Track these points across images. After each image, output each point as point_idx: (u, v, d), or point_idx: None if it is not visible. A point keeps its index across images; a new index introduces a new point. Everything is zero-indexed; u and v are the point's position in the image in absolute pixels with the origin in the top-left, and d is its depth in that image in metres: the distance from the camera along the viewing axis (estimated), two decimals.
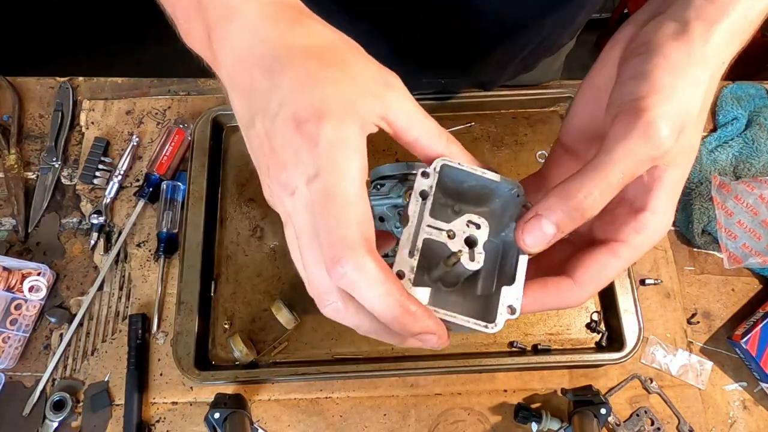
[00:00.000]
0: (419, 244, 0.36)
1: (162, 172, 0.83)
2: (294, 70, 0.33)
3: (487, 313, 0.36)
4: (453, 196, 0.40)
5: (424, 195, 0.37)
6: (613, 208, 0.37)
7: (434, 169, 0.37)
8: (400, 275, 0.34)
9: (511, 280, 0.36)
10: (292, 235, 0.34)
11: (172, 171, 0.85)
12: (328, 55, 0.34)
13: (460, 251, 0.36)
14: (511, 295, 0.36)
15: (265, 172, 0.34)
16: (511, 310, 0.35)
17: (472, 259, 0.37)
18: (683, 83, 0.34)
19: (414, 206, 0.36)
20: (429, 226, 0.36)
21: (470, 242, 0.37)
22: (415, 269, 0.35)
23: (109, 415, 0.74)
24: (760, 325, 0.74)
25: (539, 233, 0.34)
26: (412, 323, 0.32)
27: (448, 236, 0.37)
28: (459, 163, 0.37)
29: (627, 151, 0.33)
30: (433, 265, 0.38)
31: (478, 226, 0.37)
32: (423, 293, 0.39)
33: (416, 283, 0.36)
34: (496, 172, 0.38)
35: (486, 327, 0.35)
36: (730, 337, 0.78)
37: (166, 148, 0.84)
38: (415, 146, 0.37)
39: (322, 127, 0.31)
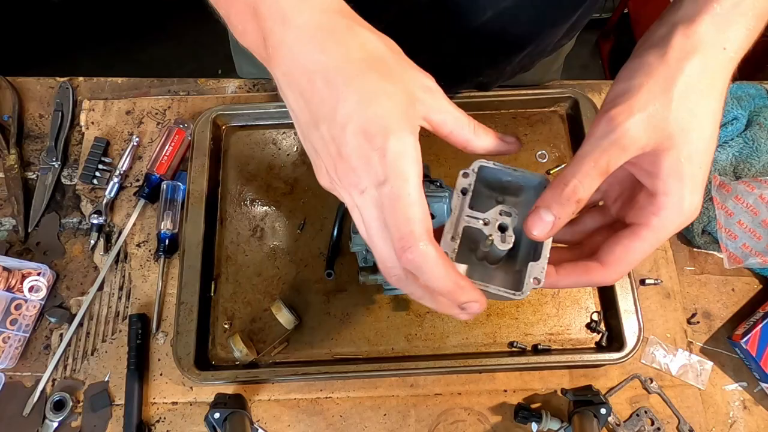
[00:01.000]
0: (460, 230, 0.45)
1: (162, 172, 0.83)
2: (356, 85, 0.39)
3: (520, 285, 0.44)
4: (496, 189, 0.48)
5: (464, 191, 0.45)
6: (635, 195, 0.43)
7: (473, 170, 0.46)
8: None
9: (537, 257, 0.43)
10: (359, 219, 0.41)
11: (172, 171, 0.85)
12: (381, 68, 0.40)
13: (491, 235, 0.44)
14: (536, 269, 0.43)
15: (331, 169, 0.41)
16: (537, 281, 0.43)
17: (503, 241, 0.45)
18: (653, 80, 0.40)
19: (456, 201, 0.45)
20: (468, 216, 0.45)
21: (502, 228, 0.45)
22: (456, 250, 0.44)
23: (109, 415, 0.74)
24: (760, 325, 0.74)
25: (541, 223, 0.41)
26: (461, 295, 0.40)
27: (484, 223, 0.45)
28: (494, 164, 0.46)
29: (593, 142, 0.40)
30: (475, 247, 0.47)
31: (509, 215, 0.45)
32: (461, 268, 0.47)
33: (464, 261, 0.47)
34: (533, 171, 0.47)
35: (514, 294, 0.43)
36: (730, 337, 0.78)
37: (166, 148, 0.84)
38: (450, 138, 0.44)
39: (388, 140, 0.38)
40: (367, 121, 0.38)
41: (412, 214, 0.38)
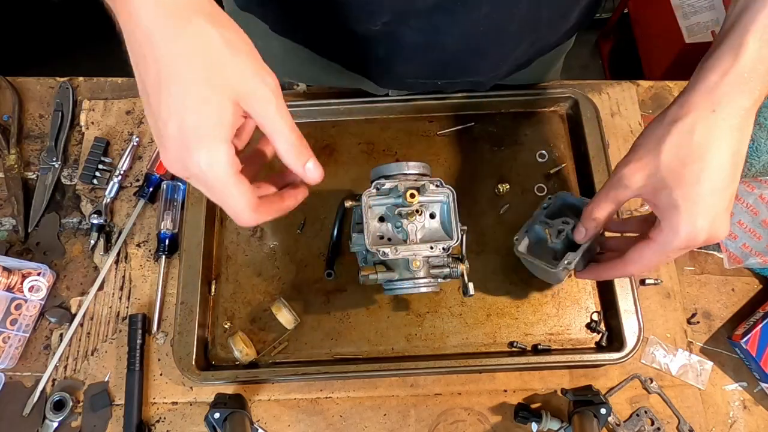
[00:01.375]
0: (531, 229, 0.73)
1: (162, 172, 0.83)
2: (180, 86, 0.43)
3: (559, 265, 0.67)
4: (571, 208, 0.72)
5: (545, 207, 0.73)
6: (653, 216, 0.57)
7: (556, 195, 0.74)
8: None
9: (575, 250, 0.67)
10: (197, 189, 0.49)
11: None
12: (210, 65, 0.43)
13: (550, 235, 0.70)
14: (571, 257, 0.66)
15: (160, 148, 0.46)
16: (568, 263, 0.66)
17: (555, 238, 0.69)
18: (648, 139, 0.55)
19: (537, 211, 0.73)
20: (541, 220, 0.72)
21: (560, 231, 0.69)
22: (527, 242, 0.73)
23: (109, 415, 0.74)
24: (760, 325, 0.74)
25: (578, 232, 0.65)
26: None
27: (548, 227, 0.71)
28: (571, 194, 0.73)
29: (608, 183, 0.59)
30: (544, 244, 0.71)
31: (567, 223, 0.69)
32: (524, 244, 0.73)
33: (539, 251, 0.72)
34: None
35: (549, 266, 0.68)
36: (730, 337, 0.78)
37: None
38: (281, 157, 0.50)
39: (200, 152, 0.44)
40: (183, 129, 0.43)
41: (234, 204, 0.48)
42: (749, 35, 0.49)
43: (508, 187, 0.82)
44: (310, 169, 0.51)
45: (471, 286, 0.69)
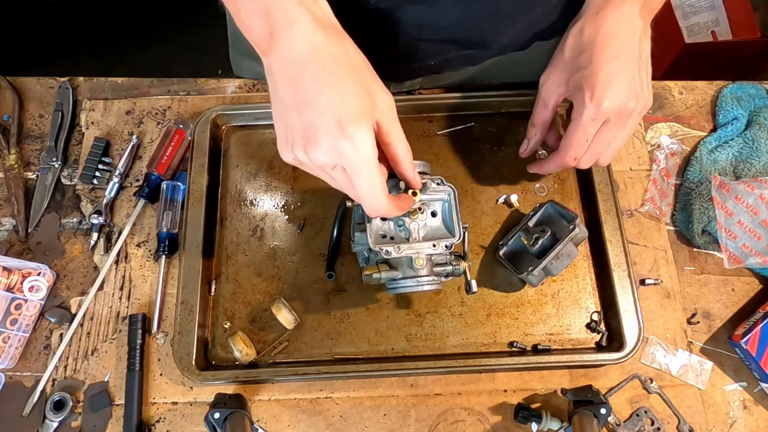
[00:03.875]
0: (514, 236, 0.79)
1: (162, 172, 0.83)
2: (338, 82, 0.52)
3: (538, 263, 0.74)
4: (559, 217, 0.77)
5: (531, 216, 0.78)
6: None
7: (540, 205, 0.78)
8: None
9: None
10: (333, 182, 0.57)
11: (172, 171, 0.85)
12: (357, 74, 0.54)
13: (527, 242, 0.77)
14: (536, 264, 0.74)
15: (300, 147, 0.53)
16: (532, 269, 0.73)
17: (532, 245, 0.76)
18: (556, 50, 0.71)
19: (524, 219, 0.79)
20: (522, 229, 0.78)
21: (537, 239, 0.75)
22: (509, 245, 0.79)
23: (109, 415, 0.74)
24: (760, 325, 0.74)
25: (522, 146, 0.80)
26: (391, 209, 0.59)
27: (526, 233, 0.77)
28: (559, 204, 0.77)
29: (536, 100, 0.74)
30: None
31: (544, 231, 0.75)
32: (505, 248, 0.79)
33: (522, 254, 0.78)
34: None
35: (516, 273, 0.77)
36: (730, 337, 0.78)
37: (166, 148, 0.84)
38: (387, 148, 0.58)
39: (357, 130, 0.51)
40: (342, 112, 0.51)
41: (373, 186, 0.54)
42: None
43: (517, 196, 0.83)
44: (417, 175, 0.62)
45: (474, 283, 0.70)
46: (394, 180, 0.64)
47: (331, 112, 0.51)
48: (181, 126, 0.85)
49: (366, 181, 0.54)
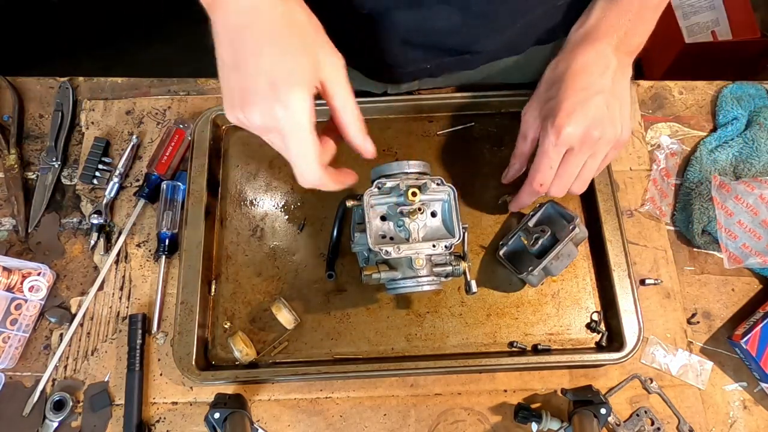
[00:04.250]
0: (514, 235, 0.79)
1: (162, 172, 0.83)
2: (275, 43, 0.52)
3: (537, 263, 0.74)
4: (559, 217, 0.77)
5: (531, 216, 0.79)
6: None
7: (540, 205, 0.78)
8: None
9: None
10: (271, 143, 0.57)
11: (172, 171, 0.85)
12: (299, 35, 0.53)
13: (527, 242, 0.77)
14: (535, 264, 0.74)
15: (239, 107, 0.54)
16: (532, 269, 0.74)
17: (532, 245, 0.76)
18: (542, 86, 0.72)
19: (524, 219, 0.79)
20: (522, 229, 0.78)
21: (537, 239, 0.75)
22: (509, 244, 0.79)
23: (109, 415, 0.74)
24: (760, 325, 0.74)
25: (504, 174, 0.80)
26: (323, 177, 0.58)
27: (526, 233, 0.78)
28: (559, 205, 0.78)
29: (519, 133, 0.74)
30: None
31: (544, 232, 0.75)
32: (505, 248, 0.79)
33: (523, 254, 0.78)
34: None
35: (516, 273, 0.77)
36: (730, 337, 0.78)
37: (166, 148, 0.84)
38: (336, 114, 0.57)
39: (289, 93, 0.51)
40: (276, 74, 0.51)
41: (306, 154, 0.54)
42: (597, 2, 0.70)
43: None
44: (369, 142, 0.60)
45: (473, 283, 0.70)
46: (401, 183, 0.65)
47: (266, 74, 0.51)
48: (182, 126, 0.85)
49: (297, 146, 0.53)
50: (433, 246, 0.66)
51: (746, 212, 0.80)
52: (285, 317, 0.75)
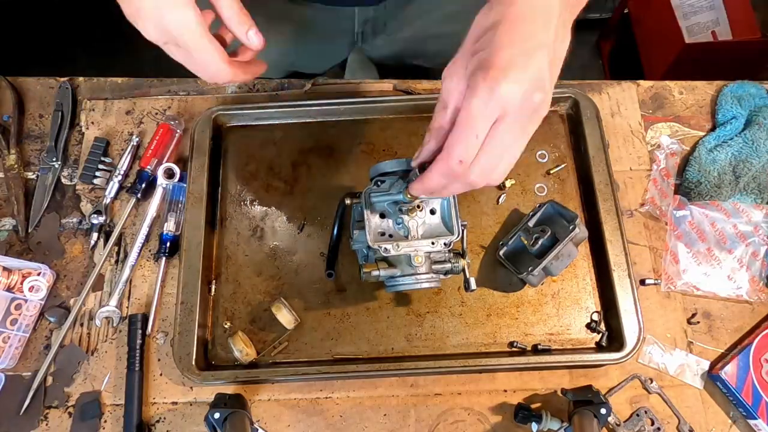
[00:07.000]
0: (515, 236, 0.79)
1: (144, 166, 0.82)
2: None
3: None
4: (559, 217, 0.77)
5: (531, 216, 0.79)
6: None
7: (540, 205, 0.78)
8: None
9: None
10: (172, 56, 0.61)
11: (160, 165, 0.84)
12: None
13: (527, 242, 0.77)
14: (535, 264, 0.74)
15: (133, 20, 0.58)
16: (532, 269, 0.74)
17: (532, 245, 0.76)
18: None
19: (525, 219, 0.79)
20: (523, 229, 0.78)
21: (537, 239, 0.76)
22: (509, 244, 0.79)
23: (98, 426, 0.73)
24: (737, 357, 0.74)
25: (419, 152, 0.59)
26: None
27: (526, 233, 0.78)
28: (560, 204, 0.77)
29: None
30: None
31: (544, 232, 0.75)
32: (505, 248, 0.79)
33: (523, 253, 0.78)
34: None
35: (516, 273, 0.77)
36: (710, 371, 0.76)
37: (151, 142, 0.84)
38: (222, 20, 0.60)
39: (171, 13, 0.55)
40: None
41: (209, 58, 0.58)
42: None
43: (513, 182, 0.84)
44: (251, 36, 0.61)
45: (473, 281, 0.70)
46: (401, 181, 0.64)
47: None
48: (172, 123, 0.85)
49: (197, 52, 0.56)
50: (432, 243, 0.66)
51: (695, 237, 0.81)
52: (285, 317, 0.75)
